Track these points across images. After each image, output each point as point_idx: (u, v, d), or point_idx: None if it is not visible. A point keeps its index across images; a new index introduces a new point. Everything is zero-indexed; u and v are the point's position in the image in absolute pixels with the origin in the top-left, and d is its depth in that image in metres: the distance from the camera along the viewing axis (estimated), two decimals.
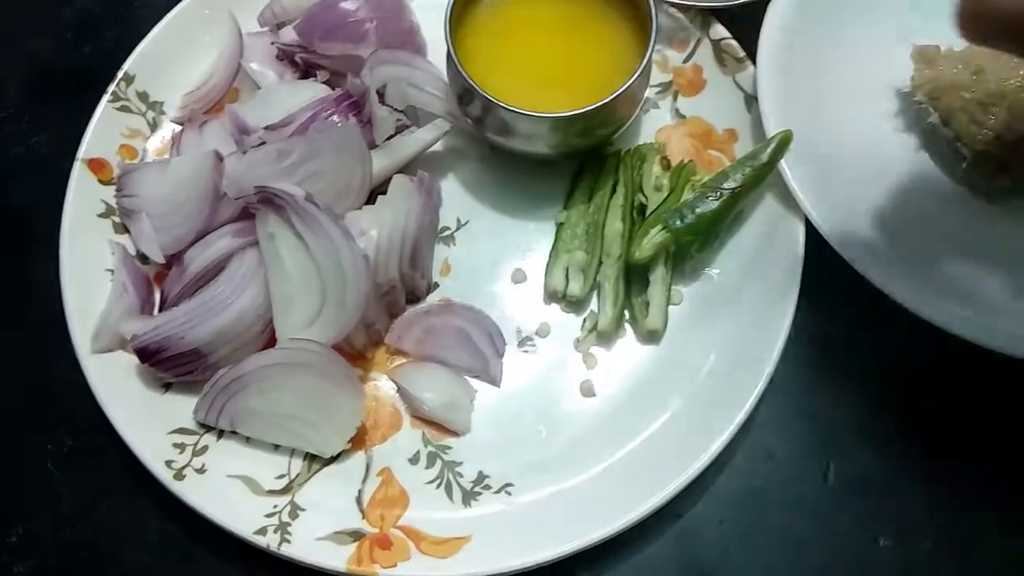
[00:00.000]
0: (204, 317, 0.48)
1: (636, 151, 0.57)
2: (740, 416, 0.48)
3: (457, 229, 0.56)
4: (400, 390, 0.51)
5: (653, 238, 0.52)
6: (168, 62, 0.58)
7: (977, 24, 0.38)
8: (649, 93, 0.59)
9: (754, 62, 0.56)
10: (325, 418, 0.48)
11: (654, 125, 0.59)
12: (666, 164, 0.56)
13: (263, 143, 0.51)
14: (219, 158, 0.51)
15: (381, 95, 0.54)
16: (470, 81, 0.51)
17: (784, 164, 0.52)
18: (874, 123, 0.57)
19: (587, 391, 0.52)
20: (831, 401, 0.53)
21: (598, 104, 0.50)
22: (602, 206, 0.55)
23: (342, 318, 0.48)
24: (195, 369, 0.49)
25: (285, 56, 0.57)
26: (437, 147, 0.57)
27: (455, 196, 0.57)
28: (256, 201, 0.49)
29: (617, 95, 0.50)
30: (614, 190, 0.55)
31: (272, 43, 0.57)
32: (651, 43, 0.51)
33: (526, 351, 0.53)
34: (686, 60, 0.59)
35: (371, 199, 0.52)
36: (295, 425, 0.48)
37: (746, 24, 0.57)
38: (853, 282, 0.49)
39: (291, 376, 0.48)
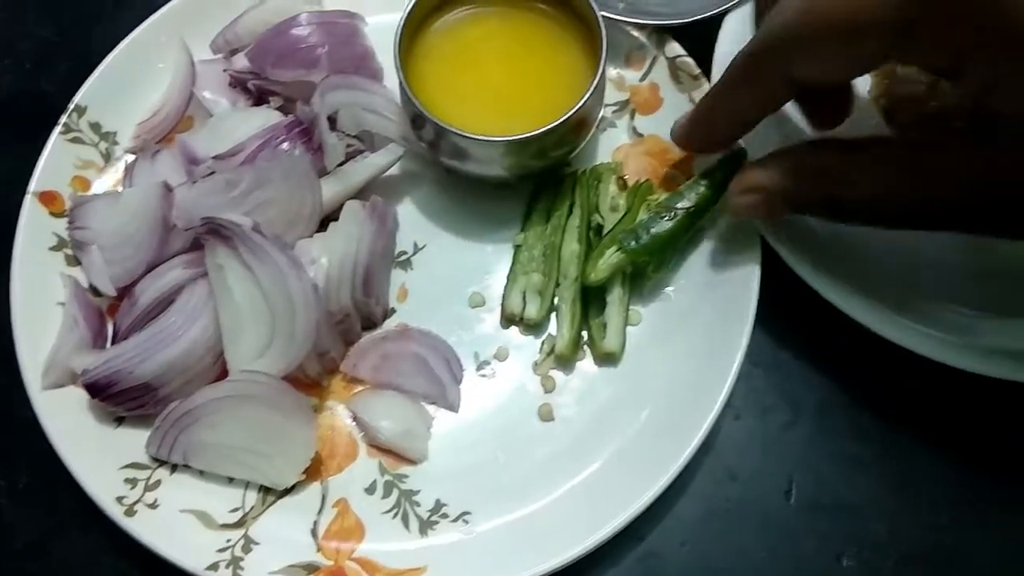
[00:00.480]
0: (153, 350, 0.47)
1: (593, 171, 0.56)
2: (699, 436, 0.48)
3: (414, 253, 0.56)
4: (356, 419, 0.51)
5: (608, 259, 0.51)
6: (121, 91, 0.58)
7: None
8: (606, 112, 0.59)
9: (710, 79, 0.56)
10: (278, 450, 0.48)
11: (612, 144, 0.58)
12: (622, 184, 0.56)
13: (212, 173, 0.51)
14: (168, 189, 0.50)
15: (333, 121, 0.53)
16: (420, 107, 0.50)
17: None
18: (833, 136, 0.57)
19: (546, 415, 0.51)
20: (792, 420, 0.52)
21: (549, 127, 0.50)
22: (559, 227, 0.54)
23: (292, 349, 0.47)
24: (146, 403, 0.49)
25: (238, 83, 0.57)
26: (393, 171, 0.57)
27: (412, 220, 0.56)
28: (204, 232, 0.48)
29: (568, 116, 0.50)
30: (571, 211, 0.55)
31: (224, 70, 0.57)
32: (601, 63, 0.51)
33: (484, 376, 0.52)
34: (642, 78, 0.59)
35: (324, 226, 0.52)
36: (248, 458, 0.48)
37: (702, 40, 0.57)
38: (811, 300, 0.49)
39: (242, 408, 0.47)
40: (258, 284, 0.47)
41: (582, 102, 0.50)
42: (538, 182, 0.57)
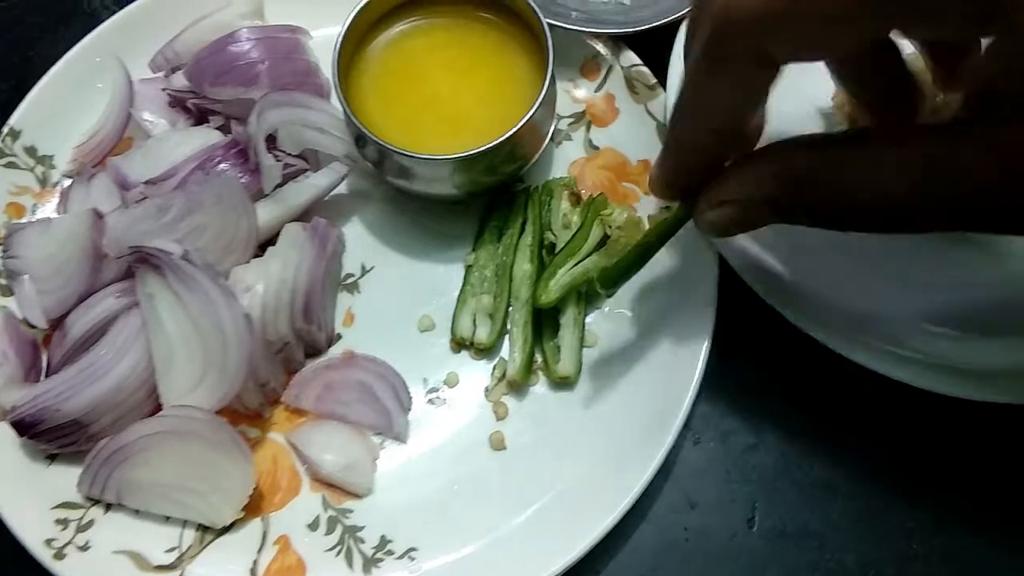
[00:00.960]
0: (81, 386, 0.45)
1: (545, 187, 0.54)
2: (656, 462, 0.46)
3: (361, 276, 0.54)
4: (297, 452, 0.48)
5: (560, 280, 0.49)
6: (57, 114, 0.56)
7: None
8: (562, 125, 0.57)
9: (665, 88, 0.54)
10: (214, 487, 0.46)
11: (568, 158, 0.56)
12: (575, 199, 0.53)
13: (145, 198, 0.49)
14: (98, 216, 0.48)
15: (274, 140, 0.51)
16: (361, 126, 0.48)
17: None
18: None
19: (497, 444, 0.49)
20: (755, 444, 0.50)
21: (495, 143, 0.48)
22: (510, 246, 0.52)
23: (224, 382, 0.45)
24: (77, 440, 0.47)
25: (177, 102, 0.55)
26: (340, 189, 0.55)
27: (359, 241, 0.54)
28: (134, 260, 0.46)
29: (515, 130, 0.48)
30: (523, 229, 0.53)
31: (163, 89, 0.55)
32: (548, 73, 0.49)
33: (433, 403, 0.50)
34: (598, 89, 0.57)
35: (265, 250, 0.50)
36: (183, 495, 0.46)
37: (657, 49, 0.55)
38: (773, 320, 0.47)
39: (175, 445, 0.45)
40: (189, 315, 0.45)
41: (529, 115, 0.48)
42: (491, 198, 0.54)
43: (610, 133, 0.56)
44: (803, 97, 0.55)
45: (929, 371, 0.46)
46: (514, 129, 0.48)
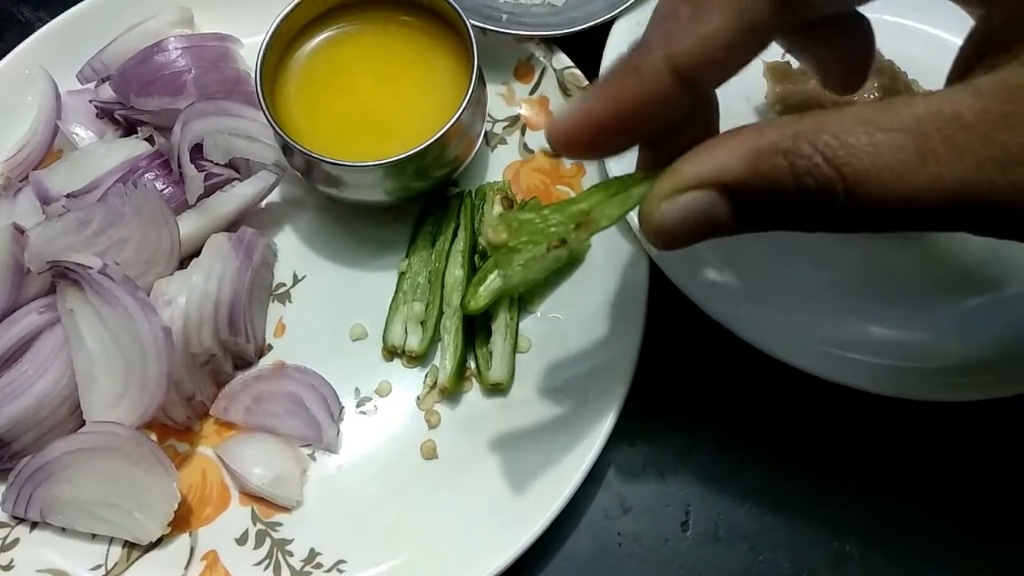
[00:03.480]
0: (2, 404, 0.45)
1: (479, 191, 0.54)
2: (585, 465, 0.46)
3: (293, 285, 0.53)
4: (225, 466, 0.48)
5: (489, 286, 0.49)
6: None
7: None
8: (496, 128, 0.56)
9: None
10: (138, 503, 0.45)
11: (503, 161, 0.56)
12: (508, 203, 0.53)
13: (67, 211, 0.48)
14: (19, 231, 0.47)
15: (202, 149, 0.51)
16: (284, 135, 0.48)
17: None
18: None
19: (428, 452, 0.48)
20: (689, 447, 0.50)
21: (421, 147, 0.47)
22: (443, 252, 0.52)
23: (146, 397, 0.45)
24: (1, 458, 0.46)
25: (105, 114, 0.54)
26: (273, 197, 0.54)
27: (292, 249, 0.54)
28: (53, 275, 0.46)
29: (442, 134, 0.48)
30: (456, 234, 0.53)
31: (90, 101, 0.54)
32: (472, 76, 0.49)
33: (365, 413, 0.50)
34: (532, 91, 0.56)
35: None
36: (107, 512, 0.45)
37: (591, 50, 0.54)
38: (707, 322, 0.47)
39: (97, 461, 0.45)
40: (109, 329, 0.45)
41: (454, 118, 0.48)
42: (425, 203, 0.54)
43: (544, 135, 0.56)
44: (732, 95, 0.55)
45: (862, 370, 0.46)
46: (440, 132, 0.48)
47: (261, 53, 0.49)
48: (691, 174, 0.29)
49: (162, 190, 0.50)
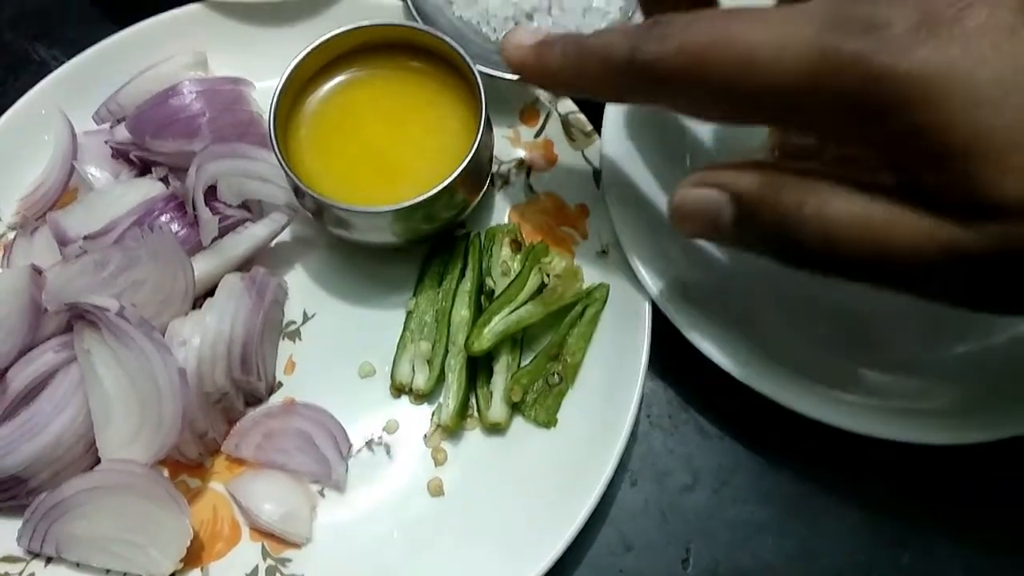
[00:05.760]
0: (20, 442, 0.46)
1: (487, 233, 0.55)
2: (590, 504, 0.47)
3: (303, 323, 0.54)
4: (237, 502, 0.49)
5: (494, 327, 0.50)
6: (3, 166, 0.57)
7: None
8: (502, 169, 0.58)
9: (601, 135, 0.55)
10: (151, 540, 0.46)
11: (509, 202, 0.57)
12: (516, 246, 0.54)
13: (84, 252, 0.49)
14: (37, 272, 0.49)
15: (215, 191, 0.52)
16: (296, 179, 0.49)
17: (625, 242, 0.51)
18: None
19: (435, 490, 0.49)
20: (691, 484, 0.51)
21: (431, 192, 0.49)
22: (449, 292, 0.53)
23: (160, 436, 0.46)
24: (17, 495, 0.47)
25: (120, 154, 0.55)
26: (284, 237, 0.55)
27: (302, 288, 0.55)
28: (71, 316, 0.47)
29: (452, 180, 0.49)
30: (462, 275, 0.54)
31: (106, 141, 0.55)
32: (481, 122, 0.50)
33: (373, 451, 0.51)
34: (537, 135, 0.58)
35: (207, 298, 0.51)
36: (122, 548, 0.46)
37: None
38: (701, 361, 0.48)
39: (112, 498, 0.46)
40: (125, 370, 0.46)
41: (463, 164, 0.49)
42: (433, 243, 0.55)
43: (549, 178, 0.57)
44: (732, 142, 0.56)
45: (859, 413, 0.47)
46: (450, 179, 0.49)
47: (275, 100, 0.51)
48: (717, 176, 0.36)
49: (177, 232, 0.51)
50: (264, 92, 0.57)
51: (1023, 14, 0.29)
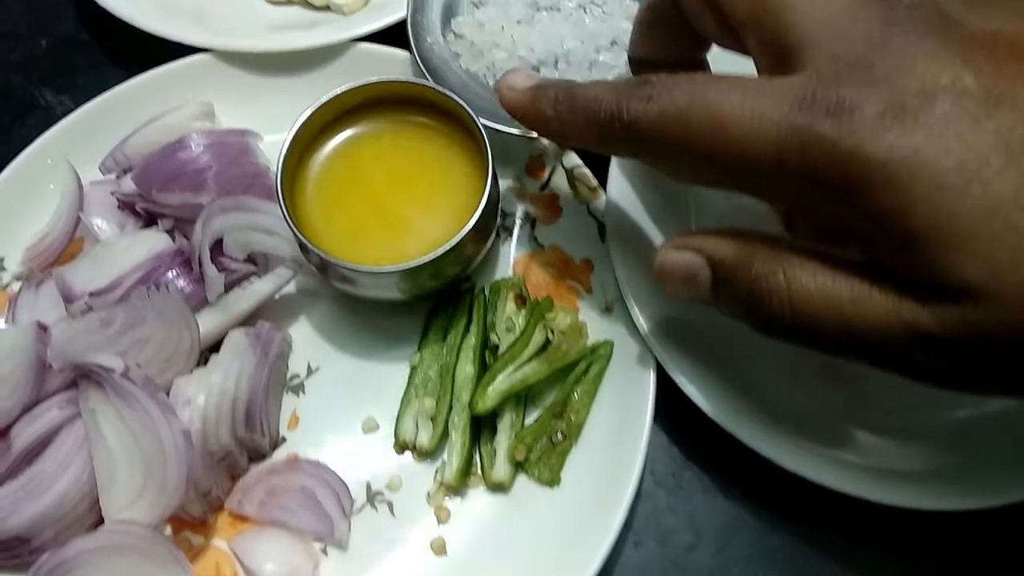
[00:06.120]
0: (24, 502, 0.46)
1: (492, 287, 0.55)
2: (594, 567, 0.46)
3: (307, 376, 0.54)
4: (238, 560, 0.49)
5: (498, 386, 0.50)
6: (9, 215, 0.57)
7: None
8: (508, 222, 0.58)
9: (607, 189, 0.55)
10: None
11: (513, 254, 0.57)
12: (520, 301, 0.54)
13: (90, 308, 0.50)
14: (43, 328, 0.49)
15: (221, 244, 0.52)
16: (302, 237, 0.49)
17: (629, 298, 0.51)
18: None
19: (439, 549, 0.49)
20: (694, 544, 0.51)
21: (439, 252, 0.49)
22: (454, 347, 0.53)
23: (165, 497, 0.46)
24: (21, 554, 0.47)
25: (126, 206, 0.56)
26: (289, 288, 0.55)
27: (306, 340, 0.55)
28: (76, 376, 0.47)
29: (459, 239, 0.49)
30: (467, 330, 0.54)
31: (112, 193, 0.56)
32: (487, 181, 0.50)
33: (376, 508, 0.51)
34: (543, 187, 0.58)
35: (215, 349, 0.51)
36: None
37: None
38: (704, 418, 0.48)
39: (115, 559, 0.45)
40: (130, 430, 0.46)
41: (471, 223, 0.49)
42: (438, 297, 0.55)
43: (554, 231, 0.57)
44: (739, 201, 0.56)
45: (860, 477, 0.47)
46: (457, 238, 0.49)
47: (281, 157, 0.51)
48: (698, 241, 0.38)
49: (183, 288, 0.51)
50: (271, 144, 0.57)
51: (987, 105, 0.30)
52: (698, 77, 0.36)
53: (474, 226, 0.49)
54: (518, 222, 0.58)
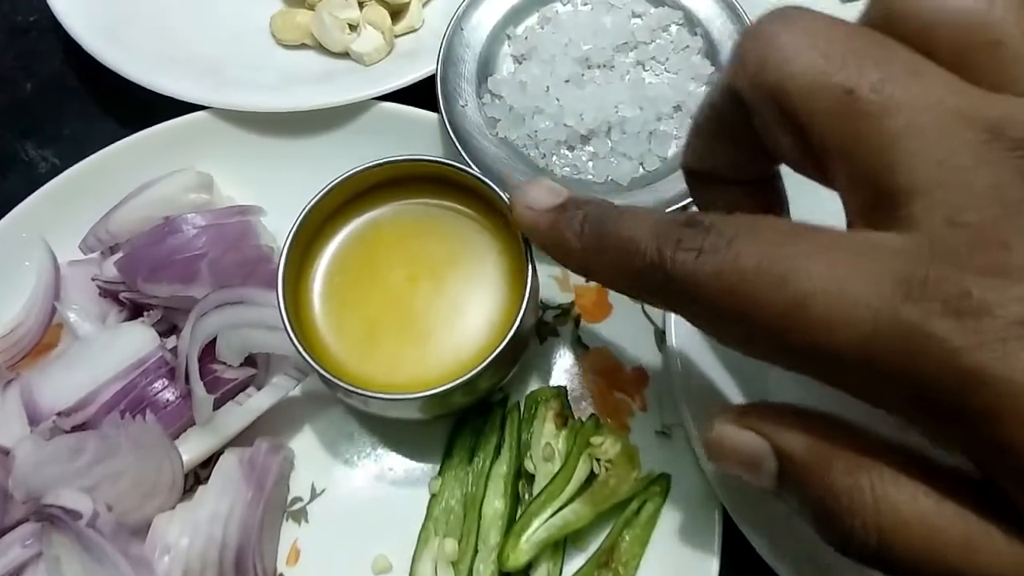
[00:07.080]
0: None
1: (528, 400, 0.47)
2: None
3: (311, 500, 0.47)
4: None
5: (533, 535, 0.42)
6: None
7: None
8: (548, 316, 0.50)
9: None
10: None
11: (554, 355, 0.49)
12: (562, 421, 0.46)
13: (58, 429, 0.42)
14: (4, 453, 0.42)
15: (214, 344, 0.45)
16: (305, 354, 0.41)
17: (692, 424, 0.43)
18: None
19: None
20: None
21: (468, 376, 0.41)
22: (481, 474, 0.46)
23: None
24: None
25: (108, 294, 0.48)
26: (294, 392, 0.48)
27: (310, 456, 0.48)
28: (37, 519, 0.40)
29: (495, 356, 0.41)
30: (498, 453, 0.46)
31: (93, 279, 0.48)
32: (528, 277, 0.42)
33: None
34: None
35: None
36: None
37: None
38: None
39: None
40: None
41: (510, 335, 0.41)
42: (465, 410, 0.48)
43: (602, 330, 0.49)
44: None
45: None
46: (493, 355, 0.41)
47: (285, 252, 0.43)
48: (764, 424, 0.29)
49: (168, 403, 0.44)
50: (276, 219, 0.50)
51: None
52: (768, 227, 0.26)
53: (512, 337, 0.41)
54: (559, 317, 0.50)
